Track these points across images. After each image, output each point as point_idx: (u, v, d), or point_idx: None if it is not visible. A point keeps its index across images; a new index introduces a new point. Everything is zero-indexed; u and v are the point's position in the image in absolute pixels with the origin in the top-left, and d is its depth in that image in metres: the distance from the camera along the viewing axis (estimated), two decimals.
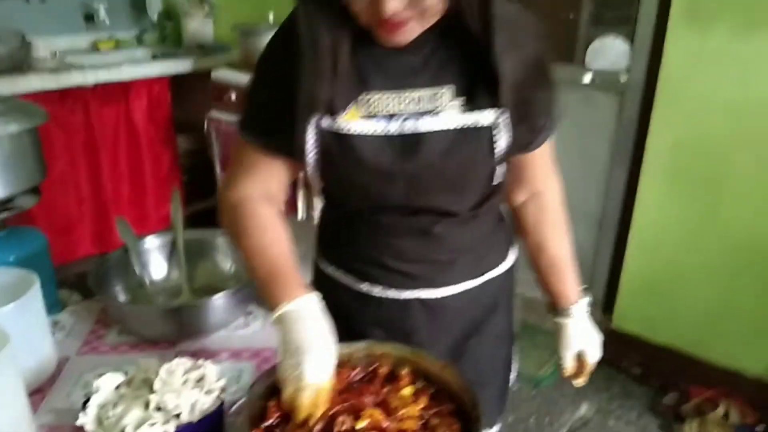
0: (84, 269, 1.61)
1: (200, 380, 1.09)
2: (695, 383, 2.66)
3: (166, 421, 1.04)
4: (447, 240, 1.21)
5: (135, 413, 1.03)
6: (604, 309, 2.93)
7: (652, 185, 2.69)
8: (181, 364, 1.12)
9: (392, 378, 1.15)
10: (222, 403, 1.10)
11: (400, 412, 1.06)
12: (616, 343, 2.83)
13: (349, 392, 1.10)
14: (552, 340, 1.36)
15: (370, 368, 1.16)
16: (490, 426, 1.13)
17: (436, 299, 1.26)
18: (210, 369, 1.11)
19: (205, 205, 3.59)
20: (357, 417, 1.05)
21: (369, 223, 1.21)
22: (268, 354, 1.36)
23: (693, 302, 2.67)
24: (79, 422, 1.02)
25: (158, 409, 1.04)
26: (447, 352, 1.31)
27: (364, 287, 1.27)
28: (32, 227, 1.68)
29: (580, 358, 1.32)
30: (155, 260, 1.57)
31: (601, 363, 1.38)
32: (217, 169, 3.51)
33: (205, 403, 1.07)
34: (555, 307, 1.33)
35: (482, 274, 1.28)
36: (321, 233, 1.37)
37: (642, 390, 2.72)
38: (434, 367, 1.14)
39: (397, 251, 1.22)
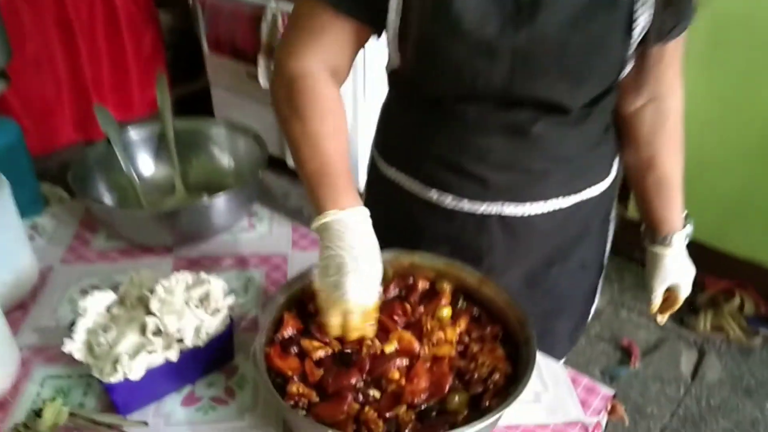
0: (67, 158, 1.42)
1: (205, 298, 0.95)
2: (711, 274, 2.58)
3: (168, 347, 0.90)
4: (546, 144, 1.01)
5: (130, 339, 0.89)
6: (619, 198, 2.79)
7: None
8: (181, 279, 0.97)
9: (431, 294, 1.01)
10: (231, 323, 0.96)
11: (435, 337, 0.92)
12: (630, 233, 2.72)
13: (377, 310, 0.96)
14: None
15: (406, 283, 1.02)
16: (558, 359, 1.00)
17: (520, 217, 1.07)
18: (215, 285, 0.96)
19: (193, 89, 3.34)
20: (386, 339, 0.92)
21: (450, 115, 1.00)
22: (278, 260, 1.22)
23: (712, 192, 2.53)
24: (65, 349, 0.88)
25: (157, 333, 0.90)
26: (522, 280, 1.15)
27: (434, 195, 1.08)
28: (5, 117, 1.47)
29: (671, 292, 1.18)
30: (143, 154, 1.38)
31: (614, 253, 1.27)
32: (205, 47, 3.22)
33: (212, 324, 0.93)
34: (653, 235, 1.16)
35: (578, 191, 1.08)
36: (383, 127, 1.16)
37: None
38: (471, 280, 1.00)
39: (480, 153, 1.01)
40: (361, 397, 0.83)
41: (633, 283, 2.65)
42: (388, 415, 0.81)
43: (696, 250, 2.74)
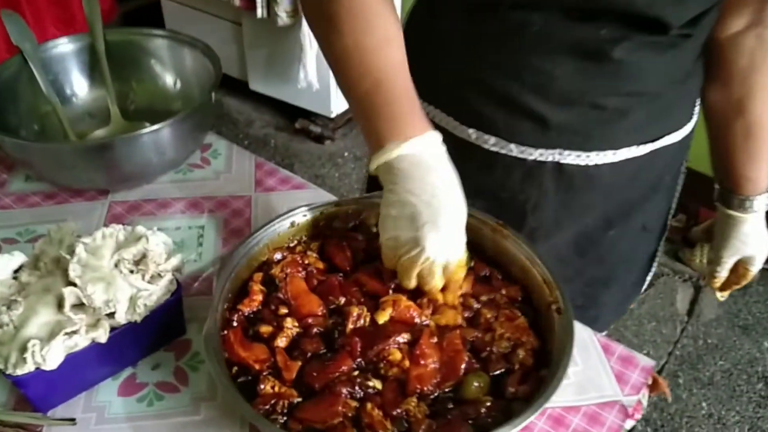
0: None
1: (141, 260, 0.73)
2: (706, 204, 2.43)
3: (94, 325, 0.69)
4: (628, 73, 0.79)
5: (43, 317, 0.67)
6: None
7: None
8: (109, 236, 0.74)
9: None
10: (178, 289, 0.75)
11: (429, 301, 0.73)
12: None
13: (359, 271, 0.76)
14: None
15: None
16: (601, 331, 0.81)
17: (582, 168, 0.85)
18: (155, 242, 0.74)
19: (140, 2, 2.99)
20: (376, 306, 0.73)
21: (503, 26, 0.78)
22: (239, 204, 1.00)
23: None
24: None
25: (79, 307, 0.69)
26: (571, 245, 0.95)
27: (472, 135, 0.86)
28: None
29: (741, 265, 0.97)
30: (69, 74, 1.12)
31: None
32: None
33: (152, 293, 0.71)
34: (730, 195, 0.94)
35: (657, 138, 0.87)
36: (411, 48, 0.93)
37: None
38: (485, 230, 0.80)
39: (540, 81, 0.79)
40: (358, 390, 0.63)
41: None
42: (396, 412, 0.61)
43: (689, 177, 2.60)
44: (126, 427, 0.70)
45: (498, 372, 0.68)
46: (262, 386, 0.62)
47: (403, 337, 0.68)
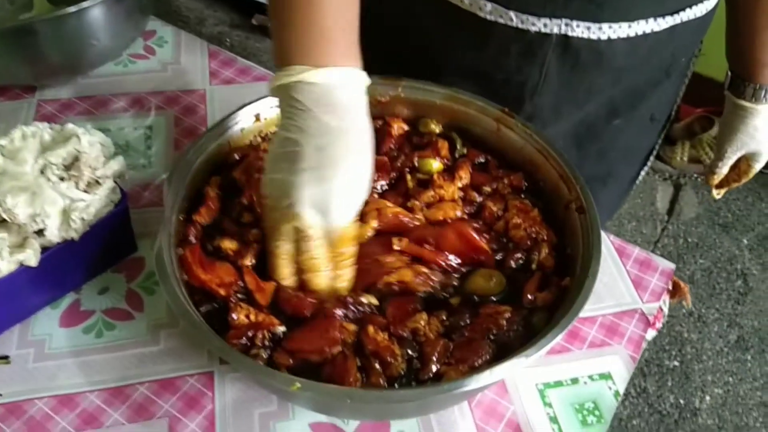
0: None
1: (73, 164, 0.59)
2: (685, 102, 2.34)
3: (20, 246, 0.56)
4: None
5: None
6: None
7: None
8: (30, 134, 0.60)
9: (416, 144, 0.69)
10: (124, 198, 0.62)
11: (425, 197, 0.62)
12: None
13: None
14: None
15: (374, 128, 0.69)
16: None
17: (593, 42, 0.72)
18: (88, 141, 0.60)
19: None
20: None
21: None
22: (191, 100, 0.85)
23: None
24: None
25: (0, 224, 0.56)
26: (571, 136, 0.83)
27: (467, 0, 0.71)
28: None
29: (744, 161, 0.88)
30: None
31: None
32: None
33: (89, 204, 0.58)
34: (746, 83, 0.82)
35: (678, 10, 0.74)
36: None
37: None
38: (485, 120, 0.68)
39: None
40: (351, 310, 0.53)
41: None
42: (403, 332, 0.51)
43: None
44: (71, 363, 0.59)
45: (514, 266, 0.58)
46: (234, 316, 0.51)
47: (398, 246, 0.57)
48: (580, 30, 0.71)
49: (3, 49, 0.79)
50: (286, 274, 0.55)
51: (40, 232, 0.57)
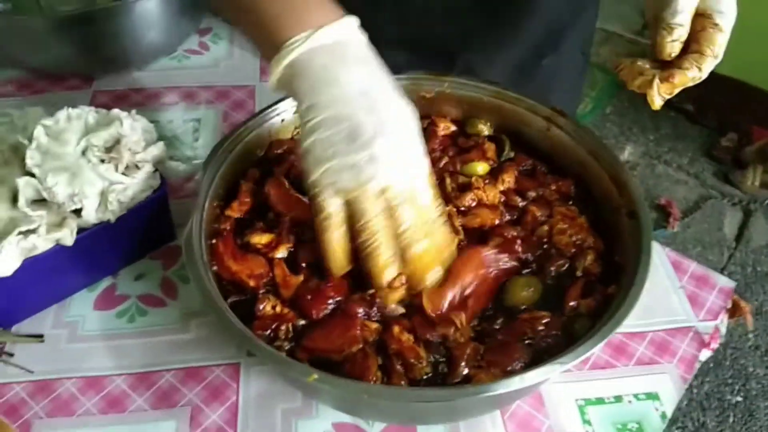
0: None
1: (114, 147, 0.60)
2: (760, 123, 2.22)
3: (58, 225, 0.56)
4: None
5: None
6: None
7: None
8: (75, 117, 0.61)
9: (461, 147, 0.67)
10: (163, 185, 0.62)
11: (464, 201, 0.59)
12: None
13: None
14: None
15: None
16: None
17: None
18: (131, 126, 0.61)
19: None
20: None
21: None
22: (241, 95, 0.85)
23: (765, 20, 2.09)
24: None
25: (39, 202, 0.56)
26: (506, 81, 0.82)
27: None
28: None
29: (703, 17, 0.55)
30: None
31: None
32: None
33: (127, 188, 0.58)
34: None
35: None
36: None
37: (696, 130, 2.30)
38: (535, 120, 0.65)
39: None
40: (375, 311, 0.50)
41: (671, 134, 2.30)
42: (430, 336, 0.49)
43: (742, 93, 2.37)
44: (101, 346, 0.59)
45: (555, 272, 0.55)
46: (261, 306, 0.50)
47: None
48: None
49: (62, 37, 0.81)
50: (391, 255, 0.49)
51: (77, 213, 0.57)
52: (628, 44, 2.34)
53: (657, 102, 0.55)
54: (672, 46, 0.54)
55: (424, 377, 0.47)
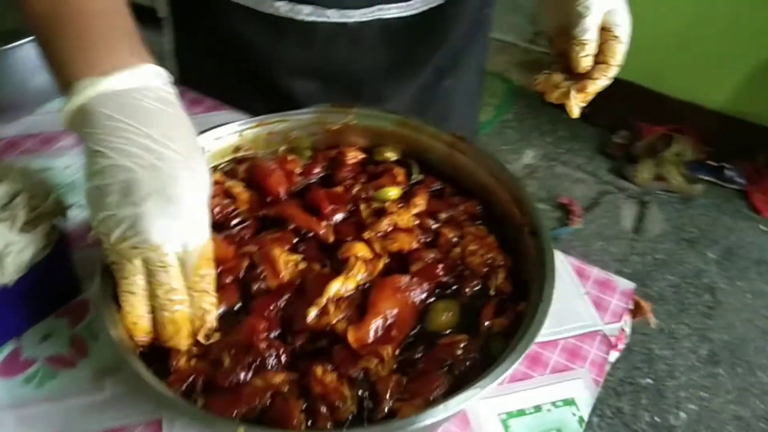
0: None
1: (9, 203, 0.57)
2: (647, 120, 2.38)
3: None
4: None
5: None
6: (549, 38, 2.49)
7: None
8: None
9: (371, 173, 0.68)
10: (63, 241, 0.59)
11: (383, 224, 0.61)
12: None
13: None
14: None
15: (328, 158, 0.68)
16: None
17: (408, 19, 0.78)
18: (24, 177, 0.58)
19: None
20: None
21: None
22: None
23: (652, 29, 2.25)
24: None
25: None
26: (410, 104, 0.88)
27: (283, 7, 0.74)
28: None
29: (604, 31, 0.62)
30: None
31: (544, 102, 0.93)
32: None
33: (25, 247, 0.56)
34: None
35: None
36: None
37: (590, 131, 2.43)
38: (438, 146, 0.68)
39: None
40: (277, 355, 0.50)
41: (567, 135, 2.42)
42: (353, 372, 0.49)
43: (631, 94, 2.53)
44: (9, 417, 0.56)
45: (470, 293, 0.57)
46: (174, 361, 0.49)
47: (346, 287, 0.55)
48: (393, 11, 0.77)
49: None
50: (144, 311, 0.50)
51: None
52: (523, 53, 2.44)
53: (576, 111, 0.62)
54: (586, 60, 0.60)
55: (350, 417, 0.48)
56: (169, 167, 0.46)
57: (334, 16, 0.76)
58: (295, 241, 0.59)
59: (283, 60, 0.79)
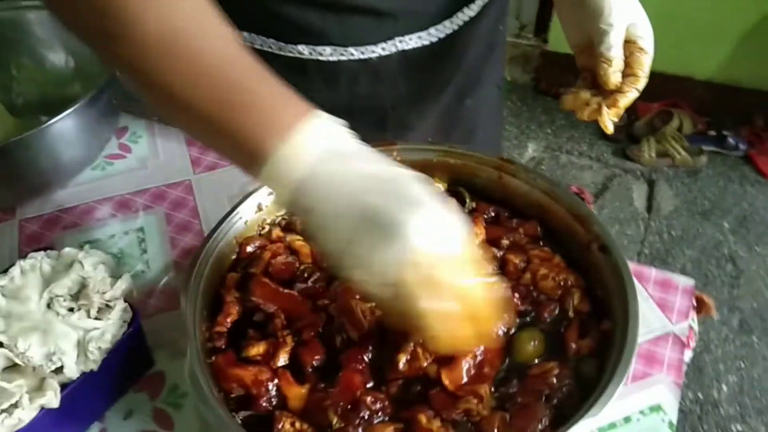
0: None
1: (80, 292, 0.57)
2: (643, 98, 2.38)
3: (38, 389, 0.53)
4: None
5: None
6: (536, 30, 2.51)
7: None
8: (29, 269, 0.57)
9: None
10: (136, 318, 0.59)
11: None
12: (553, 68, 2.48)
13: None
14: None
15: None
16: None
17: (428, 47, 0.79)
18: (92, 264, 0.58)
19: None
20: None
21: None
22: (178, 192, 0.83)
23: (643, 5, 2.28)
24: None
25: (12, 369, 0.53)
26: (433, 129, 0.89)
27: (305, 51, 0.76)
28: None
29: (629, 44, 0.63)
30: None
31: (537, 92, 0.95)
32: None
33: (104, 331, 0.56)
34: None
35: None
36: None
37: None
38: (485, 170, 0.68)
39: None
40: (383, 407, 0.50)
41: (566, 124, 2.43)
42: (455, 415, 0.49)
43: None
44: None
45: (549, 318, 0.57)
46: (279, 426, 0.49)
47: None
48: (413, 42, 0.77)
49: None
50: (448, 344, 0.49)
51: (57, 370, 0.54)
52: (511, 47, 2.45)
53: (610, 128, 0.62)
54: (616, 77, 0.62)
55: None
56: (397, 182, 0.46)
57: (355, 53, 0.77)
58: None
59: (307, 98, 0.79)
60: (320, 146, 0.46)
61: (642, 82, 0.63)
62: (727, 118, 2.32)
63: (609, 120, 0.62)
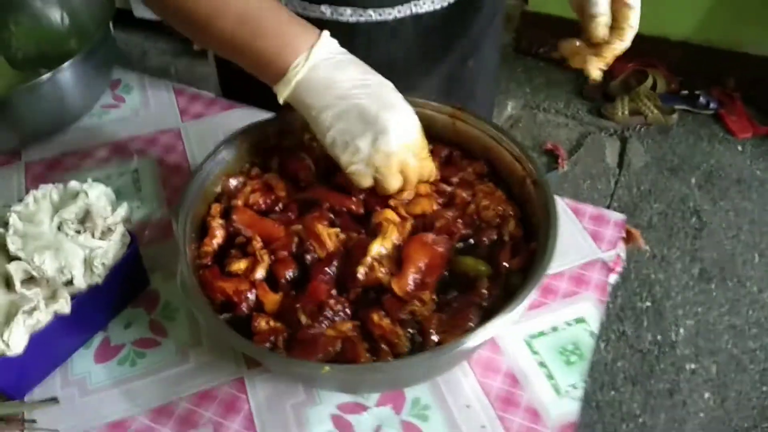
0: None
1: (85, 217, 0.66)
2: (618, 59, 2.46)
3: (52, 296, 0.63)
4: None
5: None
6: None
7: None
8: (41, 197, 0.67)
9: None
10: (133, 241, 0.69)
11: (404, 195, 0.70)
12: (533, 28, 2.54)
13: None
14: None
15: None
16: None
17: (438, 12, 0.86)
18: (96, 194, 0.67)
19: None
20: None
21: None
22: (168, 139, 0.92)
23: None
24: None
25: (30, 281, 0.62)
26: (436, 89, 0.96)
27: (327, 11, 0.83)
28: None
29: (617, 1, 0.66)
30: None
31: (518, 52, 1.03)
32: None
33: (107, 250, 0.65)
34: None
35: None
36: None
37: (565, 76, 2.52)
38: (440, 118, 0.77)
39: None
40: (344, 308, 0.61)
41: (544, 83, 2.51)
42: (402, 315, 0.59)
43: None
44: (115, 393, 0.66)
45: (488, 242, 0.67)
46: (256, 324, 0.59)
47: (383, 248, 0.65)
48: (426, 6, 0.86)
49: None
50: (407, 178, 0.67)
51: (67, 283, 0.63)
52: None
53: (594, 74, 0.71)
54: (600, 31, 0.67)
55: (406, 350, 0.58)
56: (380, 90, 0.64)
57: (373, 15, 0.83)
58: (331, 216, 0.69)
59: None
60: (320, 56, 0.63)
61: (628, 34, 0.68)
62: (700, 78, 2.40)
63: (594, 69, 0.71)
